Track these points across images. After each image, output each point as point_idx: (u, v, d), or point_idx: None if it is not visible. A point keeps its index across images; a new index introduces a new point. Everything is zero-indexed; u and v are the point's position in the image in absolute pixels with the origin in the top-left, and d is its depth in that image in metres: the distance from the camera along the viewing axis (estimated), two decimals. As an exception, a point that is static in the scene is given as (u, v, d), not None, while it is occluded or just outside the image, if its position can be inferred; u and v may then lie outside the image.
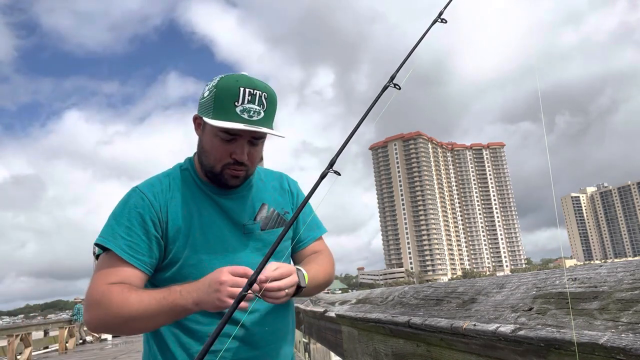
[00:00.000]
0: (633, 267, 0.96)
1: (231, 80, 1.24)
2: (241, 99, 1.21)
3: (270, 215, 1.40)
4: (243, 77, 1.26)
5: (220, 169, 1.29)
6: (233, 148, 1.26)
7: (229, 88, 1.22)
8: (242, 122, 1.21)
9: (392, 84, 1.17)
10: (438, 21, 1.28)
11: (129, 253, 1.22)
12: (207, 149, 1.30)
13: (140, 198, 1.29)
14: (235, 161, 1.27)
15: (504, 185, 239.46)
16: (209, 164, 1.31)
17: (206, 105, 1.26)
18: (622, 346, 0.77)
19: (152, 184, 1.34)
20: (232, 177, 1.30)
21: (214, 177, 1.32)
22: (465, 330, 1.23)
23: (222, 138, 1.25)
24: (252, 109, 1.22)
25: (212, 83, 1.28)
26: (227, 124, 1.20)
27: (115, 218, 1.27)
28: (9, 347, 12.95)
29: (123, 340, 19.58)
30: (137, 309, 1.12)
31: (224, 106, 1.22)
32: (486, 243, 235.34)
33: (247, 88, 1.23)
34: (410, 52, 1.22)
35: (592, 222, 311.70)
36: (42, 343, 17.82)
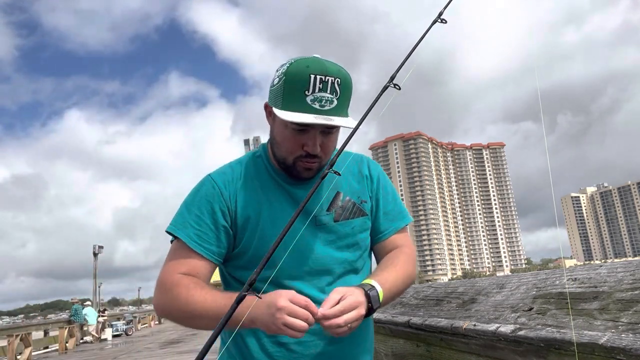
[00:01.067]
0: (633, 267, 0.96)
1: (301, 65, 1.14)
2: (312, 87, 1.12)
3: (345, 205, 1.31)
4: (314, 61, 1.16)
5: (293, 161, 1.22)
6: (305, 139, 1.18)
7: (299, 75, 1.13)
8: (312, 113, 1.13)
9: (392, 84, 1.16)
10: (438, 21, 1.27)
11: (197, 242, 1.22)
12: (278, 140, 1.23)
13: (211, 186, 1.26)
14: (307, 153, 1.20)
15: (504, 185, 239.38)
16: (280, 155, 1.24)
17: (275, 94, 1.18)
18: (622, 346, 0.77)
19: (224, 172, 1.30)
20: (305, 169, 1.23)
21: (286, 168, 1.26)
22: (465, 330, 1.23)
23: (293, 129, 1.18)
24: (324, 98, 1.13)
25: (281, 69, 1.18)
26: (296, 115, 1.12)
27: (187, 206, 1.26)
28: (9, 347, 12.95)
29: (123, 341, 19.59)
30: (200, 308, 1.12)
31: (294, 95, 1.13)
32: (486, 243, 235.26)
33: (318, 75, 1.13)
34: (410, 53, 1.22)
35: (592, 222, 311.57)
36: (42, 343, 17.82)
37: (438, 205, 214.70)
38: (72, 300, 20.66)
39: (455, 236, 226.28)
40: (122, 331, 22.41)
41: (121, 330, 22.46)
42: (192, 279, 1.19)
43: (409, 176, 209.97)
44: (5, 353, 13.06)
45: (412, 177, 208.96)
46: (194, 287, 1.16)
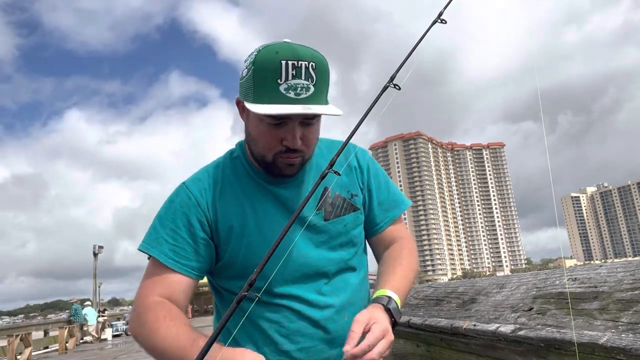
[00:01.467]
0: (633, 267, 0.96)
1: (270, 52, 1.03)
2: (284, 74, 1.01)
3: (335, 202, 1.21)
4: (284, 46, 1.04)
5: (272, 158, 1.11)
6: (283, 133, 1.07)
7: (268, 62, 1.01)
8: (288, 103, 1.01)
9: (392, 85, 1.16)
10: (438, 22, 1.27)
11: (174, 259, 1.12)
12: (254, 136, 1.12)
13: (186, 196, 1.16)
14: (287, 148, 1.09)
15: (504, 185, 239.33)
16: (258, 153, 1.13)
17: (246, 87, 1.06)
18: (622, 346, 0.77)
19: (200, 179, 1.19)
20: (287, 165, 1.12)
21: (266, 167, 1.15)
22: (465, 330, 1.23)
23: (268, 123, 1.06)
24: (299, 85, 1.02)
25: (249, 59, 1.07)
26: (270, 107, 1.01)
27: (160, 220, 1.16)
28: (9, 347, 12.95)
29: (123, 341, 19.57)
30: (161, 344, 1.05)
31: (265, 86, 1.02)
32: (486, 243, 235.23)
33: (289, 60, 1.01)
34: (410, 53, 1.22)
35: (592, 222, 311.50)
36: (42, 343, 17.81)
37: (438, 205, 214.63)
38: (72, 301, 20.66)
39: (455, 236, 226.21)
40: (122, 331, 22.39)
41: (121, 330, 22.44)
42: (165, 306, 1.09)
43: (409, 176, 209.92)
44: (5, 353, 13.05)
45: (412, 177, 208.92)
46: (163, 318, 1.06)
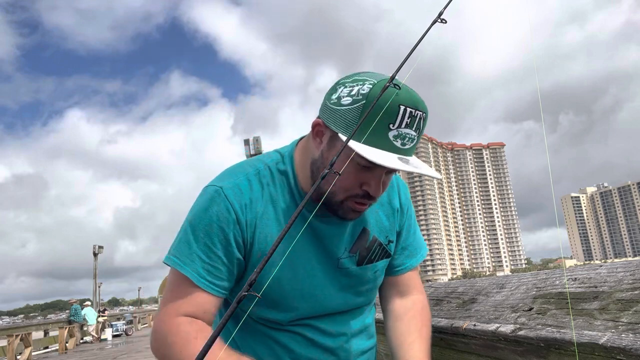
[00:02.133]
0: (633, 267, 0.96)
1: (388, 92, 0.92)
2: (398, 121, 0.91)
3: (371, 246, 1.14)
4: (402, 88, 0.94)
5: (343, 199, 1.00)
6: (367, 178, 0.98)
7: (386, 104, 0.91)
8: (394, 152, 0.92)
9: (392, 85, 1.16)
10: (438, 21, 1.27)
11: (207, 280, 1.01)
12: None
13: (225, 209, 1.02)
14: (365, 194, 0.99)
15: (504, 185, 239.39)
16: (330, 189, 0.99)
17: (345, 117, 0.94)
18: (622, 346, 0.77)
19: (240, 189, 1.04)
20: (354, 211, 1.03)
21: (329, 204, 1.02)
22: (465, 330, 1.23)
23: (358, 163, 0.95)
24: (408, 135, 0.93)
25: (356, 87, 0.95)
26: (377, 154, 0.90)
27: (194, 231, 1.02)
28: (9, 347, 12.95)
29: (123, 341, 19.58)
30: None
31: (375, 128, 0.91)
32: (486, 243, 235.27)
33: (408, 107, 0.92)
34: (410, 53, 1.22)
35: (592, 222, 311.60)
36: (42, 343, 17.82)
37: (438, 205, 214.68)
38: (71, 301, 20.68)
39: (455, 236, 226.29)
40: (122, 331, 22.41)
41: (121, 330, 22.46)
42: (194, 326, 1.00)
43: (408, 176, 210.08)
44: (5, 353, 13.05)
45: (412, 177, 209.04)
46: (193, 340, 0.98)
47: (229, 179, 1.07)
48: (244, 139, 15.76)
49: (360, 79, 0.97)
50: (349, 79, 0.98)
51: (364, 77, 0.96)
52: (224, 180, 1.07)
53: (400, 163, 0.91)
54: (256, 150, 15.45)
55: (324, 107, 1.01)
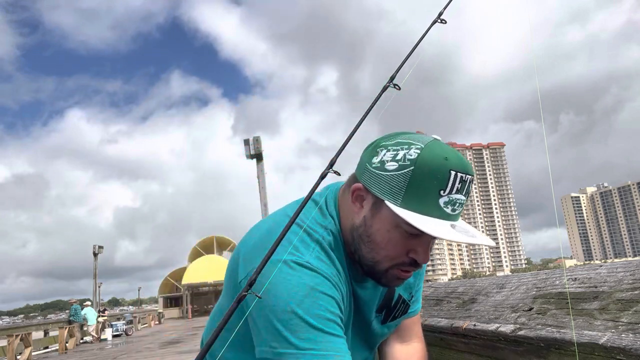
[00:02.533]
0: (633, 267, 0.96)
1: (438, 157, 0.88)
2: (449, 187, 0.87)
3: (396, 304, 1.11)
4: (448, 151, 0.90)
5: (388, 267, 0.96)
6: (414, 245, 0.93)
7: (437, 170, 0.87)
8: (445, 219, 0.88)
9: (392, 85, 1.16)
10: (438, 22, 1.27)
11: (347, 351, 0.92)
12: (377, 240, 0.94)
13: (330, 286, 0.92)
14: (412, 261, 0.94)
15: (504, 185, 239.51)
16: (373, 258, 0.95)
17: (391, 183, 0.89)
18: (622, 346, 0.77)
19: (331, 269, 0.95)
20: (398, 279, 0.98)
21: (371, 272, 0.98)
22: (465, 330, 1.23)
23: (405, 231, 0.91)
24: (459, 201, 0.90)
25: (401, 151, 0.90)
26: (428, 223, 0.86)
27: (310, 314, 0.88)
28: (9, 347, 12.95)
29: (123, 341, 19.58)
30: None
31: (425, 194, 0.87)
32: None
33: (459, 172, 0.88)
34: (410, 53, 1.22)
35: (592, 222, 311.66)
36: (42, 343, 17.82)
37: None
38: (71, 301, 20.69)
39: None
40: (122, 331, 22.42)
41: (121, 330, 22.47)
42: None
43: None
44: (5, 353, 13.06)
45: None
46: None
47: (307, 251, 0.95)
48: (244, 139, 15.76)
49: (403, 142, 0.92)
50: (390, 140, 0.93)
51: (408, 140, 0.92)
52: (306, 254, 0.95)
53: (455, 233, 0.87)
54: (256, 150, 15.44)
55: (364, 171, 0.95)
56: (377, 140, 0.97)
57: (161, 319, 36.35)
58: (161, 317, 36.96)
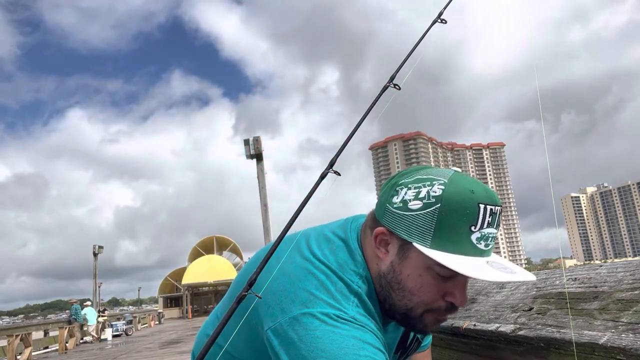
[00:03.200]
0: (633, 267, 0.96)
1: (464, 191, 0.82)
2: (480, 221, 0.82)
3: (411, 343, 1.09)
4: (475, 184, 0.84)
5: (422, 313, 0.89)
6: (449, 287, 0.86)
7: (465, 205, 0.81)
8: (479, 255, 0.82)
9: (392, 84, 1.16)
10: (438, 22, 1.27)
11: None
12: (409, 287, 0.87)
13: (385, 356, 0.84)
14: (449, 305, 0.88)
15: (504, 185, 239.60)
16: (406, 306, 0.89)
17: (417, 224, 0.83)
18: (622, 346, 0.77)
19: (372, 316, 0.89)
20: (435, 323, 0.91)
21: (404, 319, 0.92)
22: (465, 330, 1.23)
23: (438, 273, 0.84)
24: (491, 235, 0.84)
25: (424, 188, 0.84)
26: (463, 263, 0.80)
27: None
28: (9, 347, 12.95)
29: (123, 341, 19.58)
30: None
31: (455, 232, 0.81)
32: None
33: (488, 205, 0.82)
34: (410, 54, 1.22)
35: (592, 222, 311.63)
36: (42, 343, 17.83)
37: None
38: (71, 301, 20.71)
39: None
40: (122, 331, 22.43)
41: (121, 330, 22.47)
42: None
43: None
44: (5, 353, 13.06)
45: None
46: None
47: (348, 305, 0.87)
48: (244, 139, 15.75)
49: (424, 178, 0.86)
50: (409, 177, 0.88)
51: (429, 176, 0.86)
52: (348, 308, 0.86)
53: (494, 271, 0.80)
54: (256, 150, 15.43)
55: (385, 212, 0.88)
56: (395, 179, 0.91)
57: (161, 319, 36.35)
58: (161, 317, 36.96)
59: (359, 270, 0.92)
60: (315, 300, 0.84)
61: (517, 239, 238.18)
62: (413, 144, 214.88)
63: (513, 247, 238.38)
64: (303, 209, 1.04)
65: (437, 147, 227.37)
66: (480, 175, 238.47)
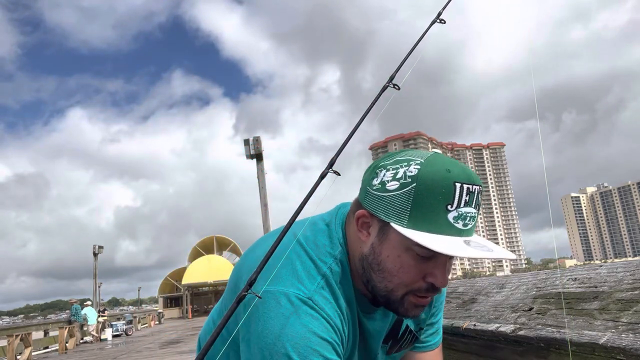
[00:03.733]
0: (633, 267, 0.96)
1: (440, 170, 0.83)
2: (456, 200, 0.81)
3: (403, 335, 1.07)
4: (450, 163, 0.85)
5: (403, 295, 0.90)
6: (429, 268, 0.86)
7: (440, 183, 0.81)
8: (457, 235, 0.82)
9: (391, 85, 1.16)
10: (437, 22, 1.27)
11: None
12: (388, 268, 0.88)
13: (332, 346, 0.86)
14: (431, 286, 0.88)
15: (504, 185, 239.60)
16: (386, 287, 0.90)
17: (395, 204, 0.84)
18: (622, 346, 0.77)
19: (333, 306, 0.90)
20: (416, 306, 0.91)
21: (386, 302, 0.92)
22: (465, 330, 1.23)
23: (417, 254, 0.85)
24: (469, 214, 0.83)
25: (401, 169, 0.85)
26: (439, 242, 0.80)
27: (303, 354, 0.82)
28: (9, 347, 12.95)
29: (123, 341, 19.58)
30: None
31: (431, 211, 0.81)
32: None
33: (465, 183, 0.82)
34: (409, 54, 1.22)
35: (592, 222, 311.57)
36: (42, 343, 17.83)
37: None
38: (71, 301, 20.71)
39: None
40: (122, 331, 22.43)
41: (121, 330, 22.47)
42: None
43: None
44: (5, 353, 13.06)
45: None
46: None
47: (317, 289, 0.89)
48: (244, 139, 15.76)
49: (402, 159, 0.87)
50: (388, 160, 0.89)
51: (407, 157, 0.87)
52: (310, 288, 0.89)
53: (471, 249, 0.80)
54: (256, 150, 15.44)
55: (366, 195, 0.90)
56: (376, 162, 0.92)
57: (161, 319, 36.36)
58: (161, 317, 36.97)
59: (334, 253, 0.94)
60: (279, 279, 0.87)
61: (517, 239, 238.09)
62: (413, 144, 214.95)
63: (513, 247, 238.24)
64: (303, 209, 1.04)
65: (437, 147, 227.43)
66: (481, 175, 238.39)
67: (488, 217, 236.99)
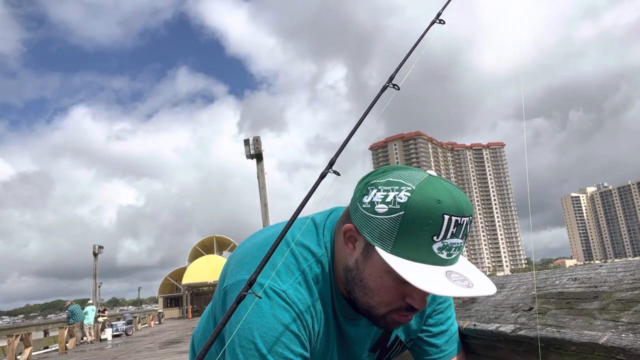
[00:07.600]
0: (633, 267, 0.96)
1: (430, 201, 0.81)
2: (443, 232, 0.81)
3: (392, 345, 1.08)
4: (443, 193, 0.83)
5: (384, 313, 0.92)
6: (409, 291, 0.88)
7: (428, 215, 0.80)
8: (440, 264, 0.83)
9: (391, 85, 1.16)
10: (436, 22, 1.27)
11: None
12: (370, 286, 0.89)
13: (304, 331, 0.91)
14: (408, 306, 0.90)
15: (504, 185, 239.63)
16: (367, 303, 0.91)
17: (381, 228, 0.84)
18: (622, 346, 0.77)
19: (306, 302, 0.93)
20: (398, 323, 0.94)
21: (369, 316, 0.94)
22: (465, 330, 1.23)
23: (397, 277, 0.85)
24: (455, 245, 0.83)
25: (392, 193, 0.84)
26: (419, 273, 0.80)
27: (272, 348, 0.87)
28: (9, 347, 12.96)
29: (123, 341, 19.58)
30: None
31: (416, 240, 0.81)
32: (486, 243, 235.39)
33: (453, 216, 0.81)
34: (408, 54, 1.22)
35: (592, 222, 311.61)
36: (42, 343, 17.87)
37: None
38: (67, 304, 20.40)
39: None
40: (122, 331, 22.44)
41: (121, 330, 22.49)
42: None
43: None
44: (5, 353, 13.07)
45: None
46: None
47: (288, 279, 0.93)
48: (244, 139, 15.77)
49: (394, 181, 0.86)
50: (381, 179, 0.88)
51: (399, 180, 0.85)
52: (286, 282, 0.92)
53: (449, 284, 0.80)
54: (256, 150, 15.44)
55: (355, 210, 0.90)
56: (369, 177, 0.92)
57: (161, 319, 36.37)
58: (161, 317, 36.99)
59: (317, 253, 0.97)
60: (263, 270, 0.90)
61: (517, 239, 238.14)
62: (413, 144, 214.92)
63: (513, 247, 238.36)
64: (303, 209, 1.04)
65: (437, 147, 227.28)
66: (480, 175, 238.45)
67: (488, 217, 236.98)
